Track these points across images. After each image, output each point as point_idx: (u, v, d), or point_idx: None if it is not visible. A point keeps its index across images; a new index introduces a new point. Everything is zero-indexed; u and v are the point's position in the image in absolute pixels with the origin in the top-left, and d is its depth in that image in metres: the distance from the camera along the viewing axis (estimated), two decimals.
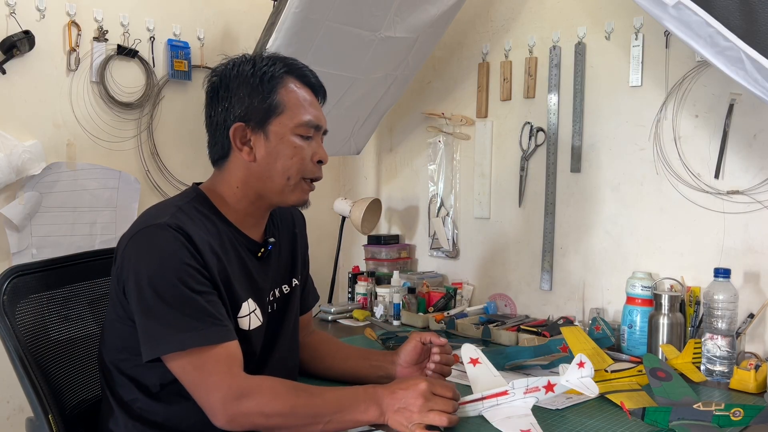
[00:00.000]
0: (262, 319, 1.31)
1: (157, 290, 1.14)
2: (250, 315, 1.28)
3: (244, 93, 1.28)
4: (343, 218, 2.47)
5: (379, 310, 2.18)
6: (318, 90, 1.35)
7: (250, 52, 1.90)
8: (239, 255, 1.29)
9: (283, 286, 1.41)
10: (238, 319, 1.25)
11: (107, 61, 1.99)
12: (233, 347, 1.17)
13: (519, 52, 2.19)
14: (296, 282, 1.45)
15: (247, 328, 1.27)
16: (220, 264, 1.23)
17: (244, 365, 1.26)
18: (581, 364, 1.29)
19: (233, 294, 1.25)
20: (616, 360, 1.68)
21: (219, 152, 1.32)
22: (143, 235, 1.19)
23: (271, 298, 1.36)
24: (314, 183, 1.34)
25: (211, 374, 1.13)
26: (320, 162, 1.32)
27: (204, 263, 1.19)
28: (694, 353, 1.60)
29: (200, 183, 1.36)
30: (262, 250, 1.33)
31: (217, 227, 1.27)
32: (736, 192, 1.76)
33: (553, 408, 1.37)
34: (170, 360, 1.15)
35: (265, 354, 1.35)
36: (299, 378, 1.53)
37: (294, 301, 1.45)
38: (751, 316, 1.71)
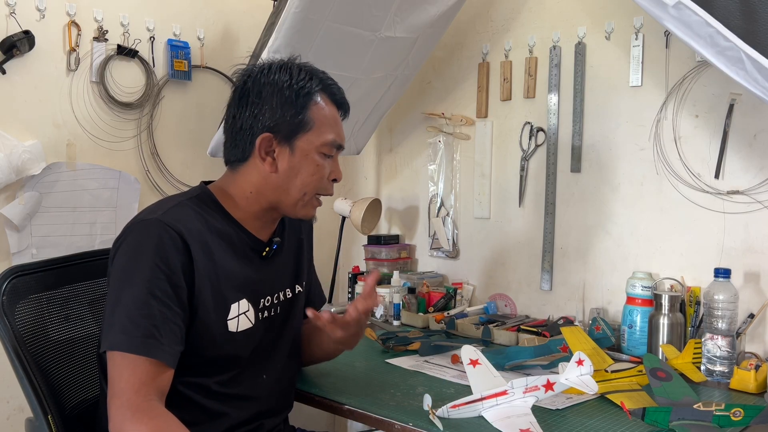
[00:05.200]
0: (253, 321, 1.30)
1: (124, 286, 1.15)
2: (239, 316, 1.27)
3: (277, 104, 1.26)
4: (343, 218, 2.47)
5: (379, 310, 2.18)
6: (342, 106, 1.36)
7: (250, 52, 1.91)
8: (241, 254, 1.29)
9: (286, 290, 1.40)
10: (228, 321, 1.25)
11: (107, 61, 1.99)
12: (160, 370, 1.13)
13: (519, 52, 2.19)
14: (299, 289, 1.45)
15: (235, 330, 1.26)
16: (211, 263, 1.22)
17: (228, 368, 1.26)
18: (580, 362, 1.29)
19: (221, 295, 1.24)
20: (616, 360, 1.68)
21: (238, 155, 1.30)
22: (131, 230, 1.20)
23: (272, 302, 1.36)
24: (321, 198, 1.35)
25: (122, 380, 1.11)
26: (335, 180, 1.34)
27: (188, 262, 1.18)
28: (694, 353, 1.60)
29: (209, 182, 1.36)
30: (267, 249, 1.33)
31: (218, 225, 1.26)
32: (736, 192, 1.76)
33: (553, 408, 1.37)
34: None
35: (262, 358, 1.34)
36: (303, 373, 1.54)
37: (297, 308, 1.44)
38: (751, 316, 1.71)
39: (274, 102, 1.26)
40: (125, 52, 2.01)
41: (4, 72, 1.79)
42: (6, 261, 1.82)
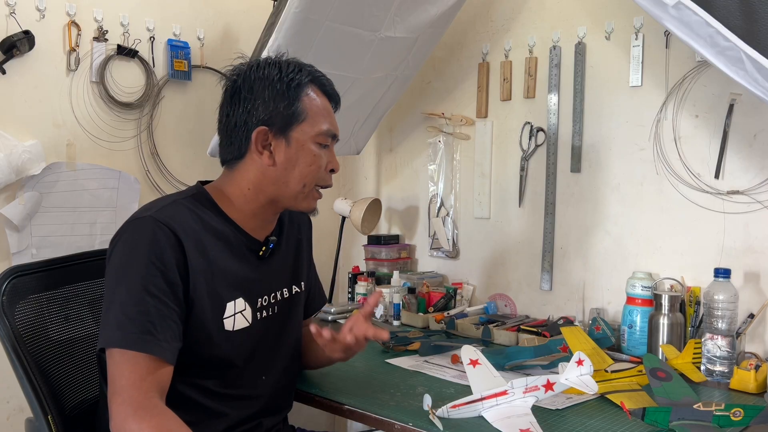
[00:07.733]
0: (250, 321, 1.30)
1: (119, 283, 1.15)
2: (235, 315, 1.27)
3: (269, 97, 1.27)
4: (343, 218, 2.47)
5: (379, 310, 2.18)
6: (333, 98, 1.37)
7: (250, 52, 1.91)
8: (237, 253, 1.29)
9: (283, 290, 1.40)
10: (224, 320, 1.25)
11: (107, 61, 1.99)
12: (159, 366, 1.13)
13: (519, 52, 2.19)
14: (297, 289, 1.44)
15: (231, 329, 1.26)
16: (206, 261, 1.22)
17: (226, 369, 1.26)
18: (580, 362, 1.29)
19: (216, 293, 1.24)
20: (616, 360, 1.69)
21: (234, 153, 1.31)
22: (126, 228, 1.21)
23: (269, 302, 1.36)
24: (322, 190, 1.36)
25: (122, 377, 1.11)
26: (332, 171, 1.35)
27: (182, 259, 1.18)
28: (694, 353, 1.60)
29: (206, 182, 1.36)
30: (264, 248, 1.33)
31: (214, 224, 1.26)
32: (736, 192, 1.76)
33: (553, 408, 1.37)
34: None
35: (261, 358, 1.34)
36: (303, 372, 1.54)
37: (296, 307, 1.44)
38: (751, 316, 1.71)
39: (266, 95, 1.27)
40: (125, 52, 2.01)
41: (4, 72, 1.79)
42: (6, 261, 1.82)
